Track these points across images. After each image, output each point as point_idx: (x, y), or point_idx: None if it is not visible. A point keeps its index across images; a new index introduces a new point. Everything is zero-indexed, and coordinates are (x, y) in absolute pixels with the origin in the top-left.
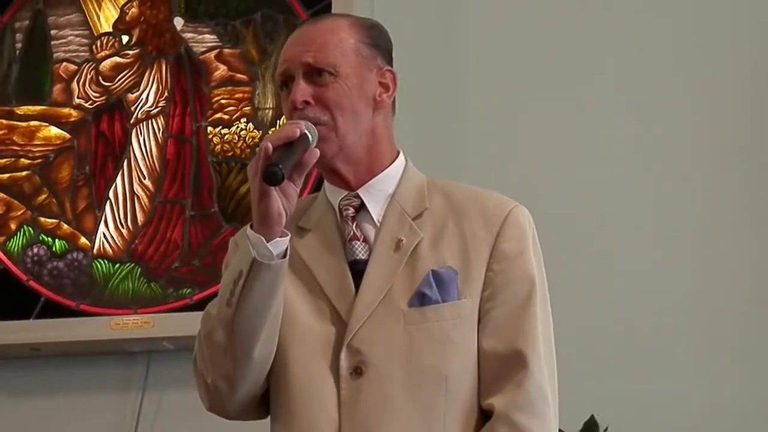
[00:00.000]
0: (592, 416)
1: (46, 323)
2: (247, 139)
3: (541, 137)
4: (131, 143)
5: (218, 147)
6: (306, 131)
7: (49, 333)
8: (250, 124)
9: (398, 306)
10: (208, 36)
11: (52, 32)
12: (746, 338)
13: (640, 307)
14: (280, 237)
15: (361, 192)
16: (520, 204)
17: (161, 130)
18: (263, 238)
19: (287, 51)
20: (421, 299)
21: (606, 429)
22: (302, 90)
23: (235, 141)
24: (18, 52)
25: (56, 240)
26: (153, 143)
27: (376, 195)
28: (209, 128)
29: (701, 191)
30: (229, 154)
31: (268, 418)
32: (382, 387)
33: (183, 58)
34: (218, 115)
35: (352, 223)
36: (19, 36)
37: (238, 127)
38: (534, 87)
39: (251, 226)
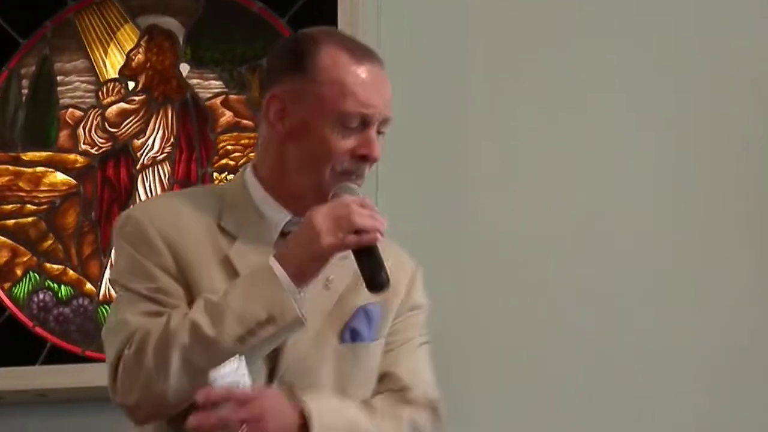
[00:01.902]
0: None
1: (51, 369)
2: None
3: (543, 139)
4: (137, 189)
5: None
6: None
7: (55, 379)
8: None
9: (329, 342)
10: (213, 82)
11: (59, 78)
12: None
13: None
14: None
15: None
16: None
17: (167, 176)
18: (297, 293)
19: (370, 93)
20: (352, 335)
21: None
22: (378, 147)
23: None
24: (24, 97)
25: (62, 286)
26: (159, 189)
27: None
28: (215, 174)
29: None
30: None
31: None
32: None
33: (189, 104)
34: (224, 161)
35: None
36: (25, 82)
37: None
38: (536, 90)
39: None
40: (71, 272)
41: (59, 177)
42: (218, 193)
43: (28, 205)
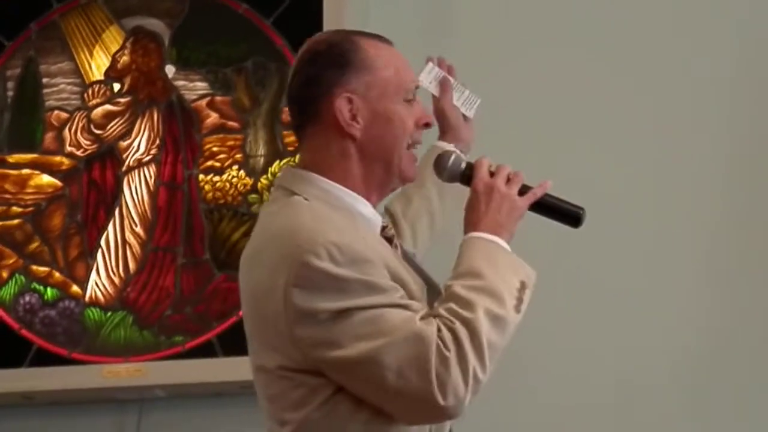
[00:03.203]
0: None
1: (38, 371)
2: (238, 186)
3: (534, 141)
4: (123, 191)
5: (210, 194)
6: None
7: (42, 381)
8: (242, 171)
9: None
10: (199, 84)
11: (44, 80)
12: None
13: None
14: None
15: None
16: None
17: (153, 178)
18: None
19: (410, 68)
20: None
21: None
22: None
23: (226, 188)
24: (10, 100)
25: (48, 288)
26: (145, 191)
27: None
28: (201, 176)
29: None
30: (221, 201)
31: None
32: None
33: (174, 105)
34: (210, 163)
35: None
36: (10, 84)
37: (229, 174)
38: (526, 91)
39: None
40: (57, 274)
41: (45, 179)
42: (325, 205)
43: (14, 207)
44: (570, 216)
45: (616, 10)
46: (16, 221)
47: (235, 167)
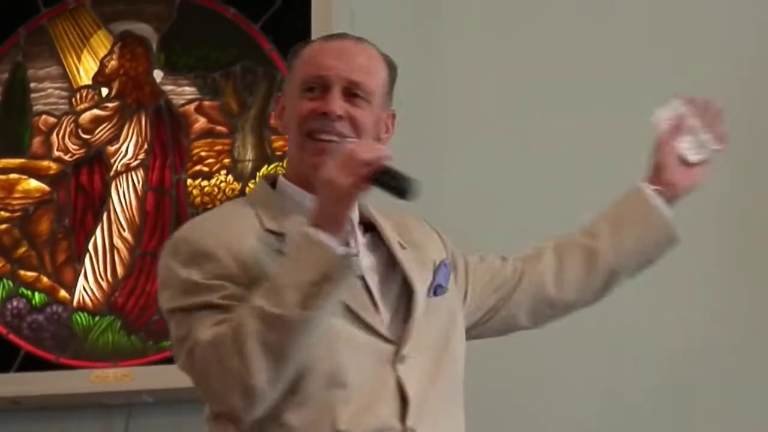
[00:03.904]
0: None
1: (25, 377)
2: (226, 191)
3: (522, 149)
4: (111, 196)
5: (198, 199)
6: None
7: (29, 386)
8: (230, 176)
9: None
10: (187, 88)
11: (32, 85)
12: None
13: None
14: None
15: None
16: None
17: (141, 183)
18: (337, 240)
19: (326, 59)
20: (439, 290)
21: None
22: (341, 104)
23: (214, 193)
24: None
25: (36, 293)
26: (133, 196)
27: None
28: (189, 180)
29: None
30: (209, 206)
31: None
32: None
33: (163, 110)
34: (198, 167)
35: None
36: None
37: (217, 179)
38: (516, 93)
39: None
40: (45, 279)
41: (33, 184)
42: (249, 201)
43: (2, 212)
44: (404, 189)
45: (616, 7)
46: (3, 226)
47: (223, 172)
